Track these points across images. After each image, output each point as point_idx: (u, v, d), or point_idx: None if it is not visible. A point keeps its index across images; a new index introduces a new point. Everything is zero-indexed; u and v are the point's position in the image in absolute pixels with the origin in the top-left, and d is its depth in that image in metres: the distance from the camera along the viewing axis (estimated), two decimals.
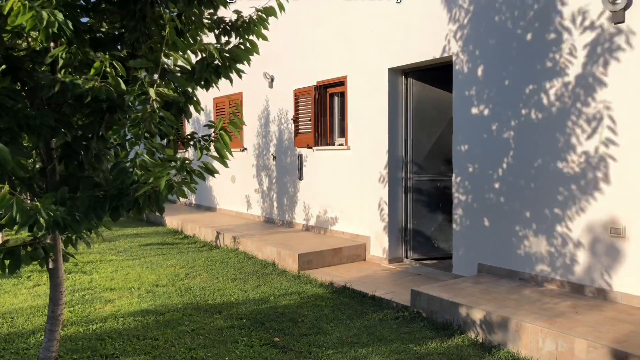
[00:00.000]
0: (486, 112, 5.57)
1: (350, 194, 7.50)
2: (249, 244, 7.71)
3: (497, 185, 5.48)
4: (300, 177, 8.49)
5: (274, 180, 9.21)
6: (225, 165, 2.99)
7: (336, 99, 8.04)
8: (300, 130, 8.44)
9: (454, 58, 5.94)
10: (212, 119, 10.45)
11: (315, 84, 8.03)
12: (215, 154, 3.08)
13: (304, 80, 8.28)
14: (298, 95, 8.40)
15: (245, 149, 10.03)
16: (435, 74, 6.75)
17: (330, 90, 7.98)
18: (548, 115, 4.99)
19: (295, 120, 8.48)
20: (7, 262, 3.01)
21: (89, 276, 6.41)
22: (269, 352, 4.08)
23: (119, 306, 5.21)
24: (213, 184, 11.35)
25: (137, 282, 6.13)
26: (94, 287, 5.90)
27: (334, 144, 8.06)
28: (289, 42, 8.66)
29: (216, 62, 3.49)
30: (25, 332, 4.50)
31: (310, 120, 8.16)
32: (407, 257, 7.02)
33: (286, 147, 8.85)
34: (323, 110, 8.04)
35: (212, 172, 2.94)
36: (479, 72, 5.64)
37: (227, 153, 2.95)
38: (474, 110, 5.71)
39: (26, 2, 2.48)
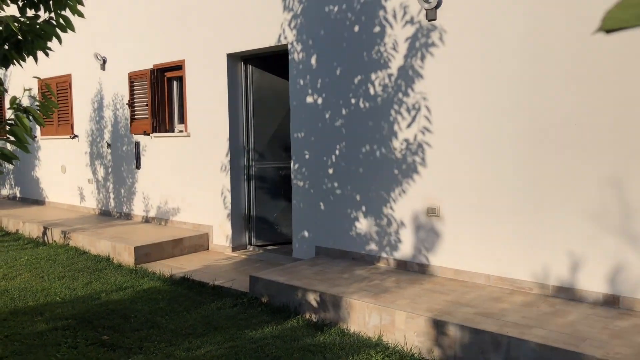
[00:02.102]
0: (320, 100, 5.78)
1: (191, 182, 7.31)
2: (80, 238, 7.13)
3: (331, 171, 5.73)
4: (138, 166, 8.05)
5: (110, 170, 8.62)
6: (26, 150, 2.70)
7: (175, 83, 7.74)
8: (136, 116, 7.98)
9: (289, 47, 6.05)
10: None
11: (151, 67, 7.64)
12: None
13: (139, 62, 7.83)
14: (133, 78, 7.92)
15: (77, 136, 9.22)
16: (274, 61, 6.82)
17: (168, 75, 7.65)
18: (374, 104, 5.32)
19: (131, 105, 7.99)
20: None
21: None
22: (95, 351, 3.82)
23: None
24: (41, 175, 10.28)
25: None
26: None
27: (173, 131, 7.76)
28: (122, 21, 8.11)
29: (18, 37, 3.12)
30: None
31: (147, 105, 7.75)
32: (250, 244, 7.05)
33: (122, 134, 8.32)
34: (161, 95, 7.68)
35: (9, 158, 2.64)
36: (313, 61, 5.82)
37: (26, 137, 2.65)
38: (309, 99, 5.88)
39: None
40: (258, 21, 6.33)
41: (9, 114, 10.57)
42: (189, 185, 7.34)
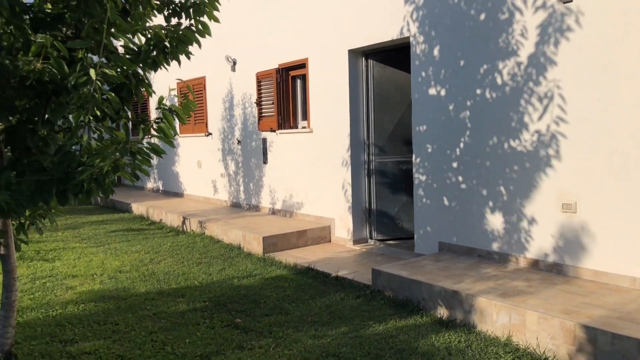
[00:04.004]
0: (443, 92, 5.64)
1: (314, 176, 7.53)
2: (215, 228, 7.69)
3: (455, 165, 5.58)
4: (265, 161, 8.48)
5: (240, 165, 9.18)
6: (172, 145, 2.97)
7: (298, 81, 8.02)
8: (263, 114, 8.41)
9: (411, 39, 5.98)
10: (177, 104, 10.30)
11: (277, 66, 7.99)
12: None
13: (265, 63, 8.23)
14: (260, 78, 8.35)
15: (210, 133, 9.95)
16: (395, 55, 6.79)
17: (292, 73, 7.95)
18: (502, 94, 5.08)
19: (259, 103, 8.44)
20: None
21: (51, 264, 6.33)
22: (229, 333, 4.11)
23: (80, 292, 5.17)
24: (180, 170, 11.25)
25: (100, 269, 6.07)
26: (56, 275, 5.82)
27: (297, 127, 8.06)
28: (249, 23, 8.58)
29: (165, 43, 3.44)
30: None
31: (273, 103, 8.13)
32: (371, 238, 7.10)
33: (251, 131, 8.82)
34: (285, 93, 8.01)
35: (158, 152, 2.92)
36: (435, 52, 5.70)
37: (171, 133, 2.92)
38: (432, 91, 5.77)
39: None
40: (379, 16, 6.34)
41: (154, 113, 11.70)
42: (312, 180, 7.58)
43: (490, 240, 5.29)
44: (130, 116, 3.67)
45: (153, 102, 11.79)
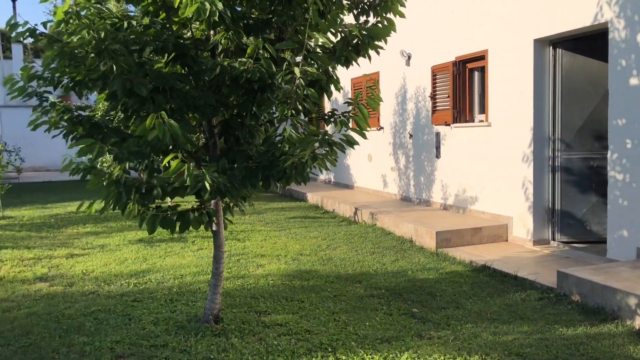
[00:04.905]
0: None
1: (490, 172, 7.27)
2: (386, 220, 7.86)
3: None
4: (438, 155, 8.41)
5: (411, 159, 9.22)
6: (364, 136, 3.15)
7: (476, 74, 7.78)
8: (437, 108, 8.33)
9: (609, 25, 5.42)
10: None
11: (453, 59, 7.85)
12: (353, 127, 3.26)
13: (441, 56, 8.14)
14: (435, 71, 8.28)
15: (382, 127, 10.15)
16: (588, 43, 6.22)
17: (469, 66, 7.74)
18: None
19: (433, 97, 8.38)
20: (178, 223, 3.51)
21: (242, 243, 7.08)
22: (407, 321, 4.21)
23: (269, 270, 5.70)
24: (350, 163, 11.68)
25: (284, 250, 6.62)
26: (247, 253, 6.51)
27: (473, 121, 7.83)
28: (425, 17, 8.54)
29: (355, 40, 3.64)
30: (192, 287, 5.15)
31: (448, 97, 8.01)
32: (553, 240, 6.64)
33: (423, 124, 8.80)
34: (462, 86, 7.84)
35: (351, 143, 3.12)
36: (639, 38, 5.10)
37: (365, 125, 3.09)
38: (634, 81, 5.19)
39: None
40: (570, 1, 5.87)
41: (328, 108, 12.30)
42: (488, 175, 7.32)
43: None
44: (322, 110, 3.96)
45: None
